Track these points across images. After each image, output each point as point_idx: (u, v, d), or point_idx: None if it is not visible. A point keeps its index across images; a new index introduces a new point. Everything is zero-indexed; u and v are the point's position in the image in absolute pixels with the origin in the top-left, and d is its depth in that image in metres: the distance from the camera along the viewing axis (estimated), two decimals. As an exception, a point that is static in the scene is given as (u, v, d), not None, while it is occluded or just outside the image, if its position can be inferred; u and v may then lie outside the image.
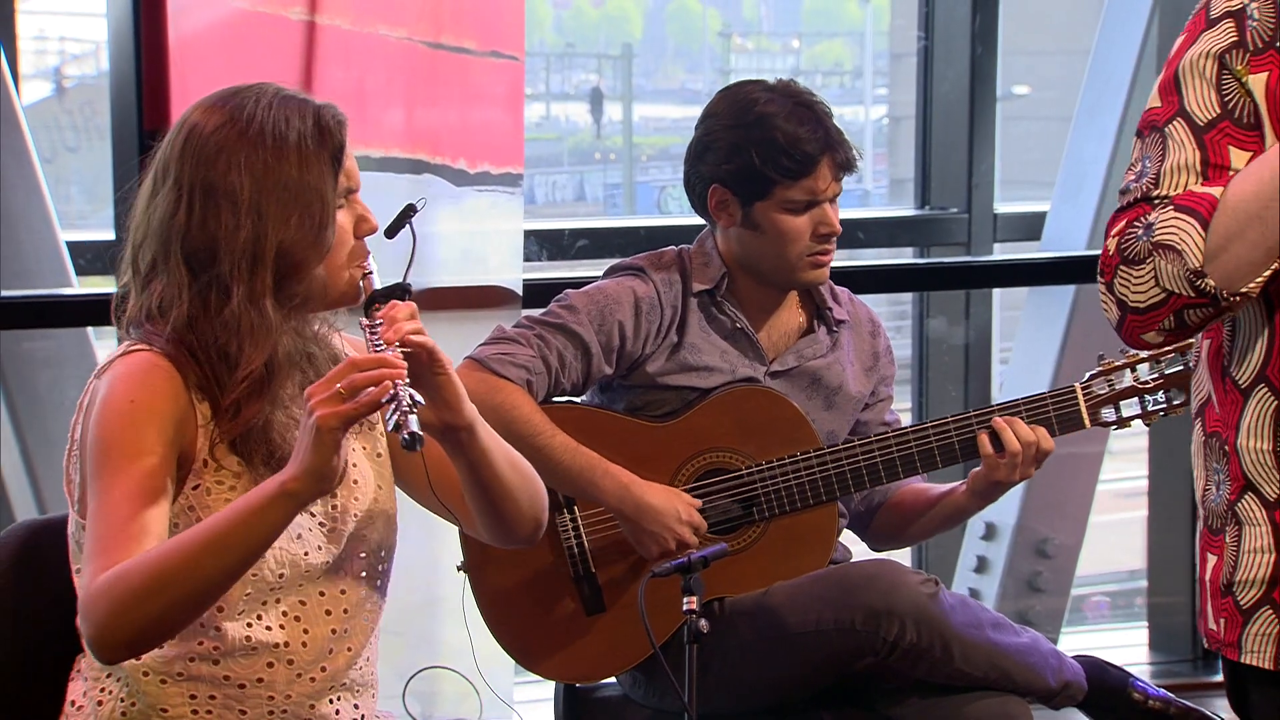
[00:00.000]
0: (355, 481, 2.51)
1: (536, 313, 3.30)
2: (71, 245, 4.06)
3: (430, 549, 3.65)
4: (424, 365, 2.36)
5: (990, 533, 4.92)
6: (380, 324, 2.36)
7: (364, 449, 2.54)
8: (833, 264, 3.30)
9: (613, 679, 3.36)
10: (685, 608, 2.76)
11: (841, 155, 3.19)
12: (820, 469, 3.25)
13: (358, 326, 2.45)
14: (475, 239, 3.98)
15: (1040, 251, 4.90)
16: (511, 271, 4.01)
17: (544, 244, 4.36)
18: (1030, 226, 4.93)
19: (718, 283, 3.28)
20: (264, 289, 2.38)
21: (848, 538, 3.43)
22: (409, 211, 2.58)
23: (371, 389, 2.23)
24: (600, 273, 3.40)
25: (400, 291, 2.43)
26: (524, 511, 2.54)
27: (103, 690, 2.45)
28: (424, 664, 3.72)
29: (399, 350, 2.31)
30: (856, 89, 9.69)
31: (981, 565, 4.95)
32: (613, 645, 3.26)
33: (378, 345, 2.32)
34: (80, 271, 4.07)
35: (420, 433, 2.22)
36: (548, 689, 3.45)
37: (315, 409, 2.22)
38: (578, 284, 3.34)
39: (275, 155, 2.38)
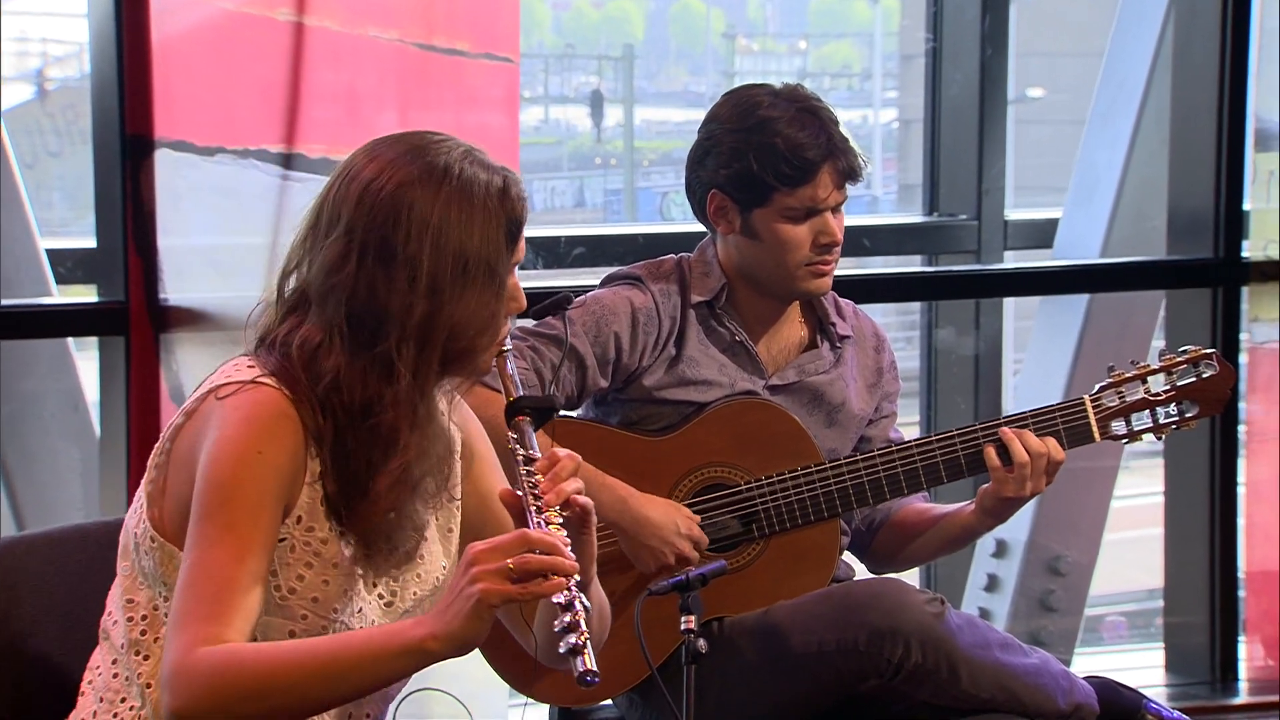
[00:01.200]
0: (421, 557, 2.47)
1: (530, 323, 3.31)
2: (52, 253, 4.06)
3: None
4: (574, 524, 2.33)
5: (1001, 550, 4.93)
6: (531, 459, 2.33)
7: (437, 521, 2.49)
8: (838, 272, 3.30)
9: (608, 701, 3.37)
10: (683, 627, 2.75)
11: (845, 163, 3.20)
12: (822, 484, 3.26)
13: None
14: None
15: (1052, 259, 4.91)
16: (506, 280, 4.02)
17: (540, 252, 4.37)
18: (1042, 234, 4.94)
19: (717, 294, 3.29)
20: (430, 371, 2.33)
21: (851, 555, 3.44)
22: (564, 302, 2.54)
23: (543, 581, 2.18)
24: (598, 281, 3.41)
25: (549, 408, 2.41)
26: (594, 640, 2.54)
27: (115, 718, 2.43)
28: (415, 686, 3.72)
29: (558, 513, 2.28)
30: (865, 92, 9.71)
31: (992, 584, 4.95)
32: (608, 666, 3.22)
33: (535, 494, 2.28)
34: (60, 280, 4.07)
35: (596, 671, 2.16)
36: (542, 712, 3.45)
37: (480, 579, 2.18)
38: (574, 293, 3.35)
39: (460, 226, 2.31)
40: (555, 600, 2.19)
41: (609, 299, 3.28)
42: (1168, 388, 3.29)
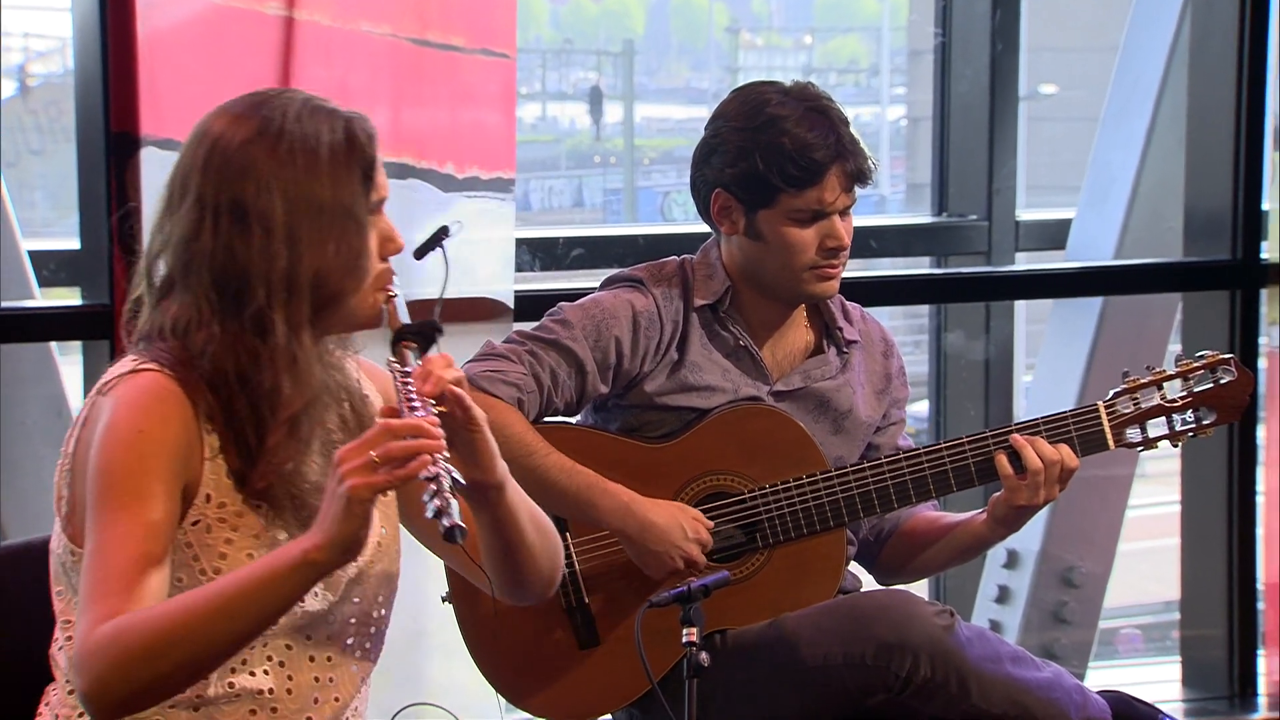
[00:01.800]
0: None
1: (528, 327, 3.31)
2: (34, 255, 4.06)
3: (414, 580, 3.64)
4: (459, 422, 2.36)
5: (1012, 560, 4.93)
6: (410, 370, 2.35)
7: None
8: (844, 275, 3.30)
9: (607, 716, 3.37)
10: (685, 640, 2.76)
11: (853, 165, 3.19)
12: (828, 493, 3.26)
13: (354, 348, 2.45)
14: (463, 248, 3.97)
15: (1065, 261, 4.91)
16: (502, 283, 4.03)
17: (537, 253, 4.37)
18: (1055, 235, 4.94)
19: (721, 297, 3.29)
20: (302, 320, 2.37)
21: (858, 566, 3.44)
22: (442, 234, 2.56)
23: (410, 463, 2.22)
24: (597, 284, 3.41)
25: (431, 330, 2.42)
26: (543, 571, 2.54)
27: None
28: (408, 700, 3.72)
29: (433, 408, 2.30)
30: (873, 88, 9.72)
31: (1003, 595, 4.95)
32: (607, 680, 3.26)
33: (411, 398, 2.31)
34: (44, 283, 4.07)
35: (463, 525, 2.21)
36: (538, 727, 3.45)
37: (346, 476, 2.21)
38: (574, 297, 3.35)
39: (308, 174, 2.35)
40: (421, 476, 2.22)
41: (609, 302, 3.28)
42: (1184, 394, 3.29)
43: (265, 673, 2.44)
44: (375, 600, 2.52)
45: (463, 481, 2.25)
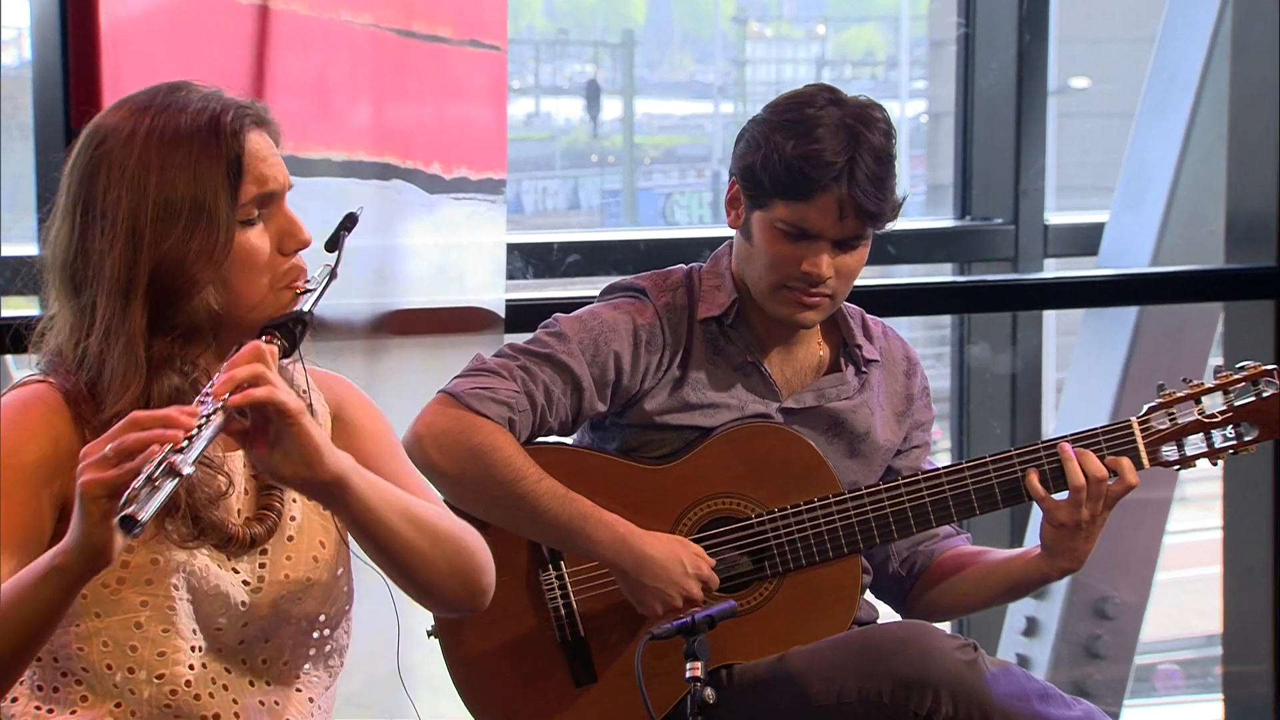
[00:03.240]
0: (290, 537, 2.52)
1: (521, 340, 3.32)
2: (-11, 261, 4.07)
3: (398, 610, 3.66)
4: (273, 416, 2.35)
5: (1040, 591, 4.92)
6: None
7: (308, 499, 2.54)
8: (860, 282, 3.31)
9: (606, 758, 3.38)
10: (688, 675, 2.76)
11: (856, 197, 3.16)
12: (841, 517, 3.27)
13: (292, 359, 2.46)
14: (451, 254, 4.00)
15: (1098, 268, 4.92)
16: (492, 291, 4.03)
17: (530, 260, 4.38)
18: (1086, 240, 4.95)
19: (726, 310, 3.30)
20: (134, 318, 2.42)
21: (874, 597, 3.45)
22: (348, 222, 2.57)
23: (139, 456, 2.20)
24: (596, 293, 3.42)
25: (297, 321, 2.43)
26: (441, 574, 2.53)
27: None
28: (392, 736, 3.74)
29: (219, 403, 2.29)
30: (890, 81, 9.74)
31: (1031, 628, 4.96)
32: (606, 717, 3.27)
33: (205, 394, 2.32)
34: (-1, 292, 4.09)
35: (137, 518, 2.16)
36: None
37: (82, 472, 2.22)
38: (569, 307, 3.36)
39: (159, 167, 2.41)
40: (146, 473, 2.20)
41: (609, 314, 3.29)
42: (1224, 408, 3.30)
43: (211, 696, 2.47)
44: (315, 619, 2.54)
45: (184, 473, 2.20)
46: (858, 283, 3.30)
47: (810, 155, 3.17)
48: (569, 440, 3.37)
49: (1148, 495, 4.84)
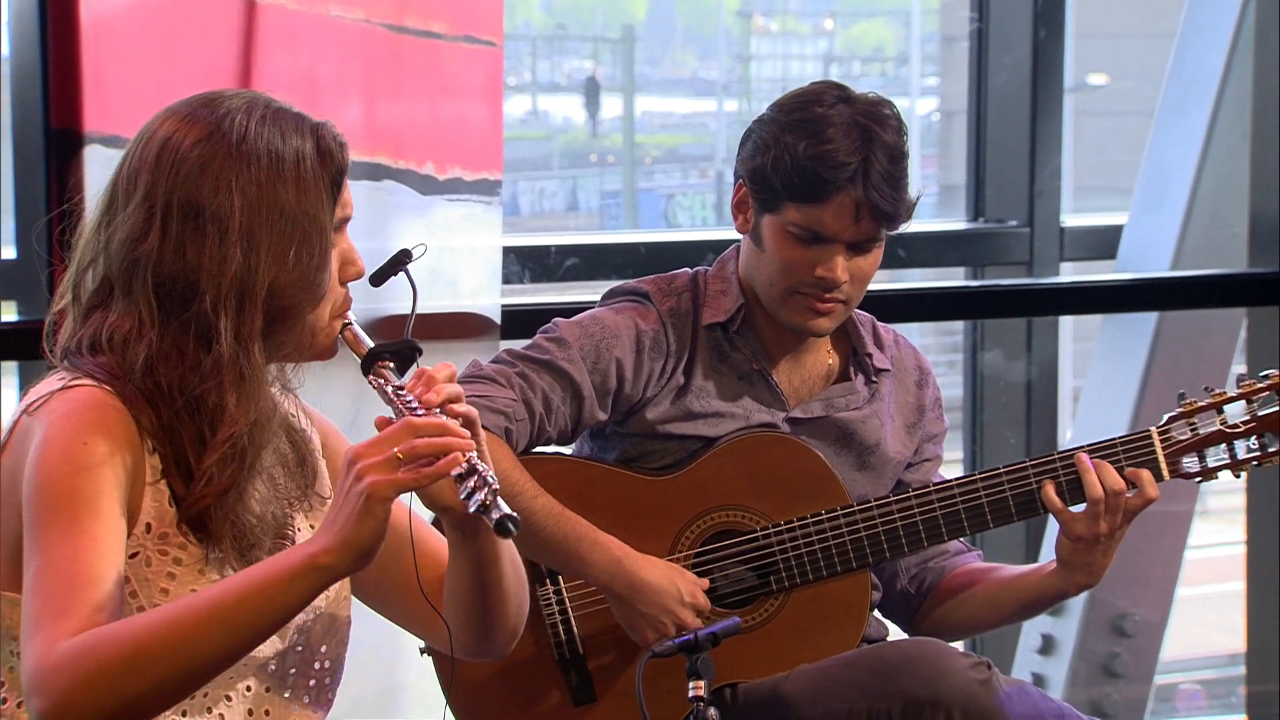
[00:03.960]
0: None
1: (518, 346, 3.32)
2: (-36, 266, 4.08)
3: (391, 631, 3.66)
4: None
5: (1057, 607, 4.92)
6: (401, 384, 2.37)
7: (310, 527, 2.54)
8: (872, 287, 3.31)
9: (606, 781, 3.38)
10: (691, 694, 2.77)
11: (872, 198, 3.17)
12: (849, 530, 3.27)
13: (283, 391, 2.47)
14: (445, 257, 4.01)
15: (1116, 272, 4.92)
16: (488, 296, 4.04)
17: (527, 263, 4.39)
18: (1104, 242, 4.96)
19: (732, 316, 3.30)
20: (253, 331, 2.39)
21: (884, 617, 3.45)
22: (403, 258, 2.58)
23: (439, 459, 2.24)
24: (596, 297, 3.43)
25: (410, 350, 2.45)
26: (510, 619, 2.57)
27: None
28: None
29: (446, 414, 2.32)
30: (901, 78, 9.75)
31: (1047, 645, 4.96)
32: (605, 739, 3.28)
33: (413, 408, 2.33)
34: (-25, 297, 4.09)
35: (516, 514, 2.24)
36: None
37: (366, 473, 2.23)
38: (568, 312, 3.37)
39: (271, 176, 2.38)
40: (454, 473, 2.25)
41: (610, 320, 3.30)
42: (1247, 418, 3.30)
43: None
44: (318, 649, 2.54)
45: (498, 485, 2.27)
46: (868, 288, 3.30)
47: (823, 156, 3.17)
48: (568, 450, 3.37)
49: (1168, 508, 4.83)
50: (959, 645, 3.43)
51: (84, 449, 2.33)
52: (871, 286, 3.32)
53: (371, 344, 2.47)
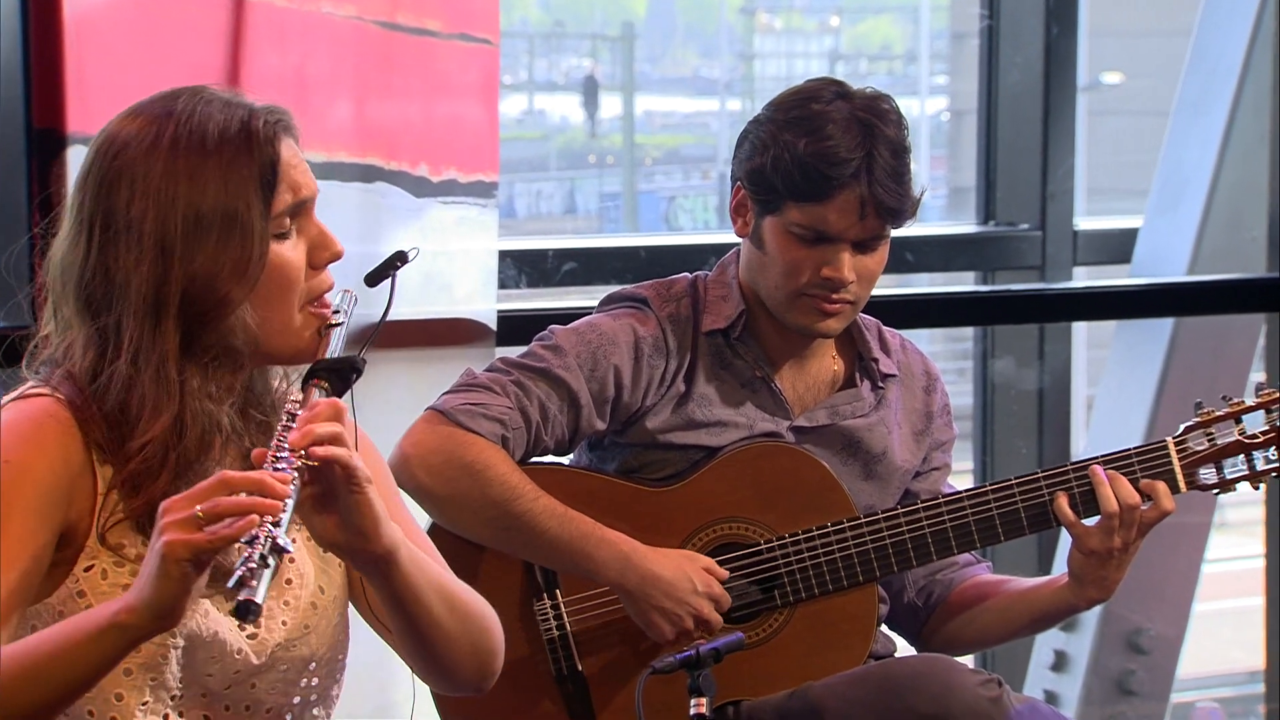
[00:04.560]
0: (289, 580, 2.52)
1: (514, 353, 3.32)
2: (-57, 270, 4.08)
3: (382, 648, 3.66)
4: (338, 479, 2.35)
5: (1070, 622, 4.93)
6: (294, 415, 2.35)
7: (307, 539, 2.53)
8: (877, 292, 3.31)
9: (605, 801, 3.38)
10: (693, 712, 2.77)
11: (876, 194, 3.17)
12: (856, 543, 3.27)
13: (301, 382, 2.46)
14: (439, 261, 4.01)
15: (1131, 277, 4.93)
16: (483, 301, 4.04)
17: (523, 268, 4.39)
18: (1119, 246, 4.96)
19: (733, 322, 3.31)
20: (167, 340, 2.40)
21: (894, 633, 3.46)
22: (397, 260, 2.57)
23: (237, 522, 2.21)
24: (594, 303, 3.43)
25: (348, 369, 2.43)
26: (462, 656, 2.55)
27: None
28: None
29: (299, 461, 2.30)
30: (909, 77, 9.76)
31: (1059, 662, 4.96)
32: (604, 759, 3.28)
33: (281, 445, 2.32)
34: (-47, 303, 4.09)
35: (258, 602, 2.17)
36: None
37: (165, 530, 2.22)
38: (565, 318, 3.37)
39: (188, 175, 2.40)
40: (243, 539, 2.21)
41: (608, 326, 3.30)
42: (1266, 428, 3.30)
43: None
44: (306, 666, 2.53)
45: (289, 550, 2.23)
46: (874, 293, 3.30)
47: (824, 153, 3.18)
48: (565, 460, 3.38)
49: (1185, 520, 4.84)
50: (969, 661, 3.43)
51: (5, 468, 2.36)
52: (878, 291, 3.33)
53: (337, 354, 2.45)
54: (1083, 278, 4.91)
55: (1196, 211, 4.87)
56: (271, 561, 2.19)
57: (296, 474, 2.28)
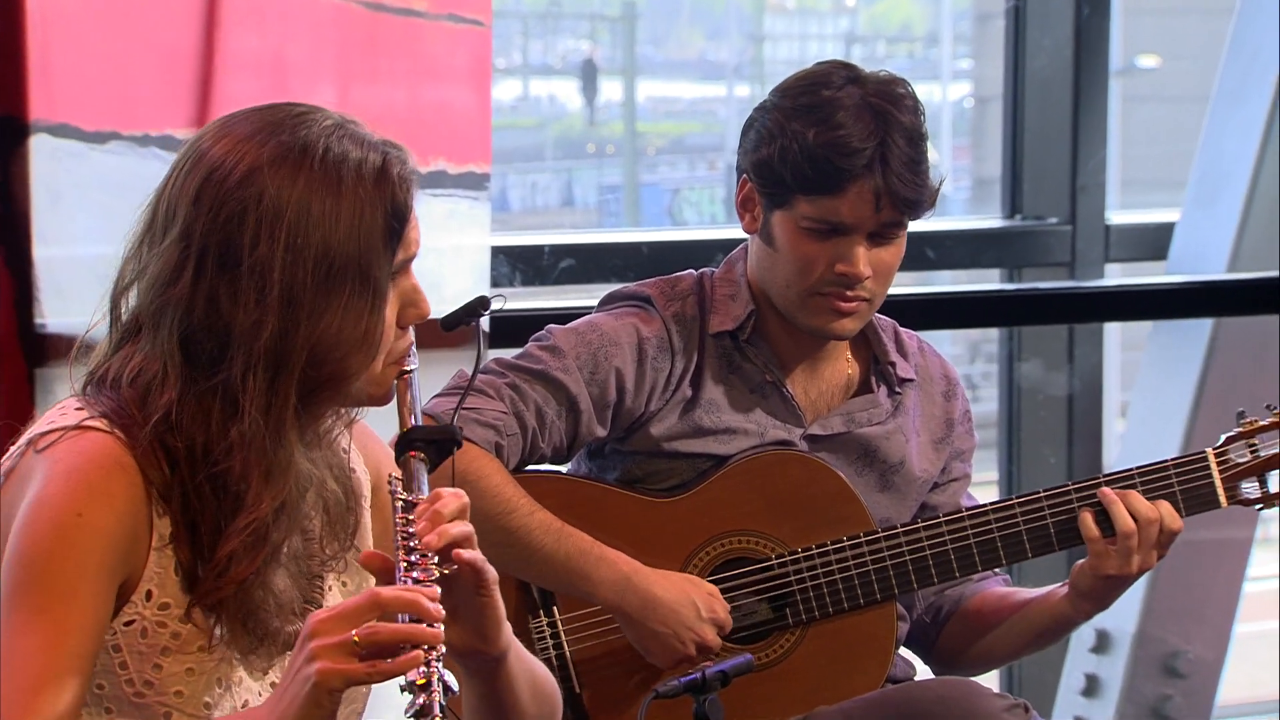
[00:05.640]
0: None
1: (509, 355, 3.33)
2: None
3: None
4: (466, 584, 2.36)
5: (1103, 643, 4.95)
6: (414, 500, 2.35)
7: (343, 586, 2.53)
8: (896, 291, 3.32)
9: (605, 834, 3.39)
10: (698, 739, 2.79)
11: (892, 185, 3.18)
12: (874, 559, 3.28)
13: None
14: (428, 258, 3.94)
15: (1167, 275, 4.93)
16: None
17: (518, 265, 4.40)
18: (1154, 242, 4.97)
19: (742, 323, 3.32)
20: (285, 407, 2.35)
21: (910, 651, 3.46)
22: (479, 306, 2.57)
23: (399, 656, 2.20)
24: (593, 302, 3.44)
25: (449, 441, 2.43)
26: None
27: None
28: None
29: (434, 567, 2.29)
30: (930, 61, 9.76)
31: (1091, 686, 4.97)
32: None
33: (410, 543, 2.30)
34: (-90, 301, 4.09)
35: None
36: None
37: (318, 656, 2.21)
38: (563, 318, 3.38)
39: (322, 219, 2.34)
40: (409, 678, 2.21)
41: (609, 326, 3.31)
42: (1313, 438, 3.31)
43: None
44: None
45: (456, 691, 2.23)
46: (892, 292, 3.31)
47: (836, 142, 3.18)
48: (564, 469, 3.38)
49: (1224, 535, 4.85)
50: (994, 683, 3.44)
51: (75, 521, 2.31)
52: (897, 291, 3.33)
53: (420, 407, 2.44)
54: (1115, 275, 4.92)
55: (1237, 205, 4.88)
56: (447, 697, 2.20)
57: (437, 581, 2.27)
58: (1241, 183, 4.87)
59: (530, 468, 3.30)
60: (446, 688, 2.21)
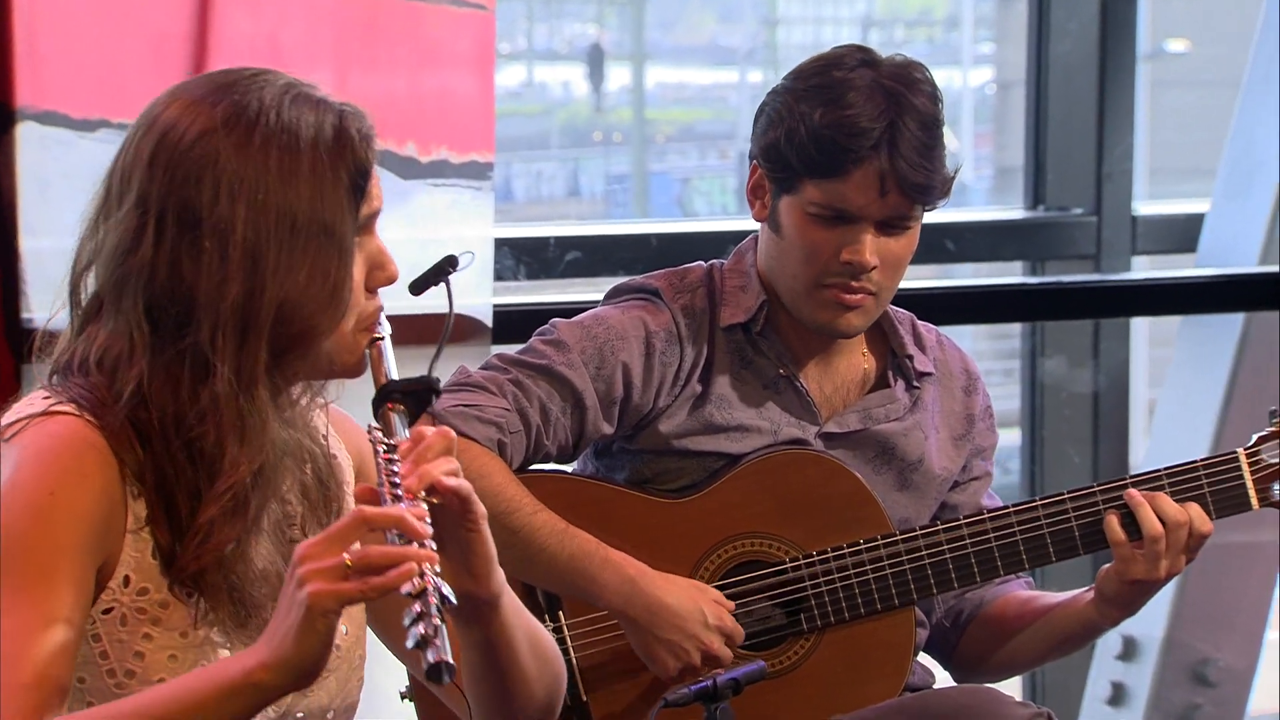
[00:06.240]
0: None
1: (513, 350, 3.34)
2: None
3: (368, 671, 3.68)
4: (453, 516, 2.37)
5: (1129, 650, 4.95)
6: (395, 443, 2.36)
7: None
8: (913, 285, 3.32)
9: (612, 847, 3.40)
10: (709, 749, 2.79)
11: (899, 169, 3.18)
12: (892, 562, 3.29)
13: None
14: (429, 250, 3.99)
15: (1196, 268, 4.93)
16: (478, 295, 4.06)
17: (523, 257, 4.41)
18: (1183, 233, 4.97)
19: (754, 315, 3.32)
20: (256, 365, 2.37)
21: (929, 658, 3.47)
22: (447, 266, 2.59)
23: (390, 571, 2.21)
24: (599, 296, 3.45)
25: (426, 390, 2.44)
26: (537, 702, 2.57)
27: None
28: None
29: (422, 500, 2.31)
30: (951, 45, 9.75)
31: (1117, 695, 4.97)
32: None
33: (394, 480, 2.32)
34: (-107, 294, 4.10)
35: (452, 663, 2.19)
36: None
37: (308, 579, 2.22)
38: (568, 312, 3.39)
39: (282, 177, 2.36)
40: (404, 590, 2.22)
41: (615, 319, 3.32)
42: (1350, 439, 3.32)
43: None
44: (324, 715, 2.53)
45: (454, 601, 2.25)
46: (910, 285, 3.32)
47: (843, 123, 3.19)
48: (569, 468, 3.39)
49: (1256, 538, 4.85)
50: (1017, 691, 3.44)
51: (49, 501, 2.33)
52: (915, 283, 3.34)
53: (394, 371, 2.46)
54: (1143, 268, 4.92)
55: (1270, 195, 4.88)
56: (445, 614, 2.21)
57: (425, 508, 2.29)
58: (1274, 172, 4.86)
59: (535, 467, 3.31)
60: (443, 597, 2.22)
